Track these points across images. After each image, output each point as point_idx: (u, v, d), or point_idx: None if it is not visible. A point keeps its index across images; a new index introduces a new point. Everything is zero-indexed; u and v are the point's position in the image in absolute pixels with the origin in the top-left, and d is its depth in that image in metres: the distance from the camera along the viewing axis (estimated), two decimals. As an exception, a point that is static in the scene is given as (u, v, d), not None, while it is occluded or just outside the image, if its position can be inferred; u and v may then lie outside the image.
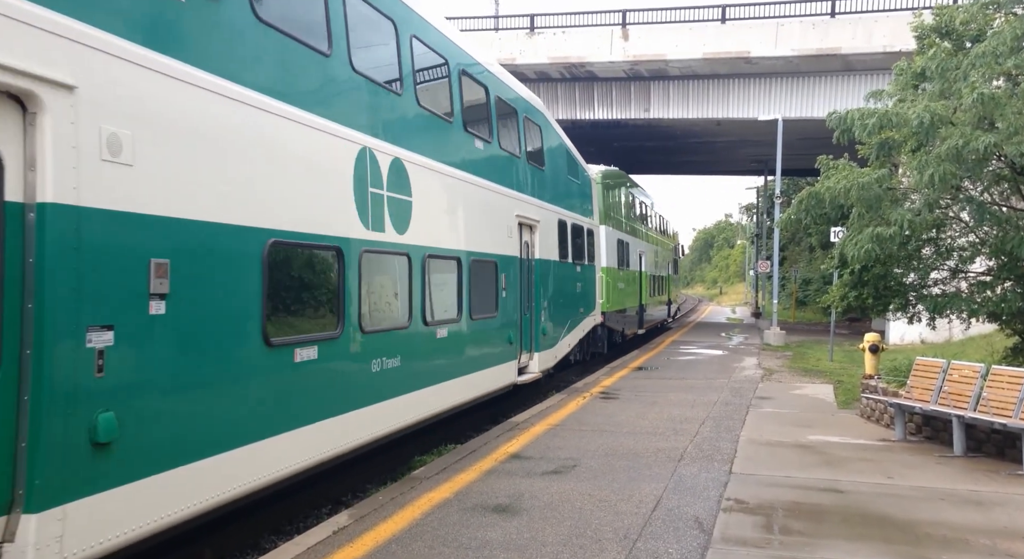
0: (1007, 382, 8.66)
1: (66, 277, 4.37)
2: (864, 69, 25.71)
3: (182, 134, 5.28)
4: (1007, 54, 10.62)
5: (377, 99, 8.07)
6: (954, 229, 12.40)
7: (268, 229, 6.13)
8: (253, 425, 5.96)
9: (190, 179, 5.34)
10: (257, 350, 6.00)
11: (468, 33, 28.47)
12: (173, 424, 5.14)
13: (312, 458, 6.72)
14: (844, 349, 21.38)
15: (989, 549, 5.83)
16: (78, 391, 4.43)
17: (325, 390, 6.96)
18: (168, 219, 5.12)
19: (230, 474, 5.66)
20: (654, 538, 5.98)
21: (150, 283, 4.95)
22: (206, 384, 5.49)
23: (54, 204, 4.30)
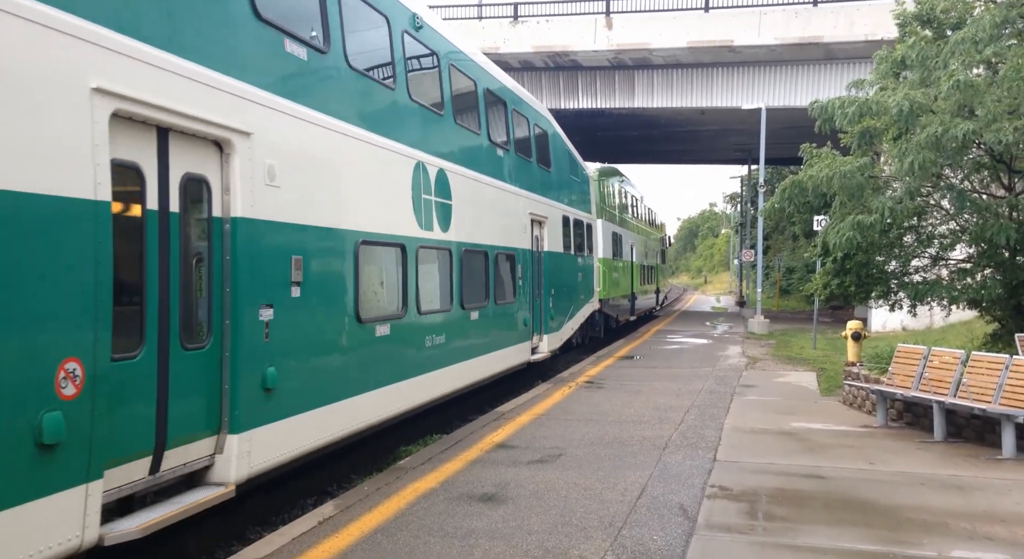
0: (986, 368, 8.77)
1: (248, 269, 6.08)
2: (846, 58, 25.80)
3: (307, 161, 6.98)
4: (986, 42, 10.70)
5: (426, 120, 9.78)
6: (935, 217, 12.51)
7: (358, 231, 7.86)
8: (353, 383, 7.73)
9: (312, 195, 7.05)
10: (354, 325, 7.74)
11: (451, 21, 28.33)
12: (307, 377, 6.96)
13: (389, 412, 8.50)
14: (827, 337, 21.56)
15: (969, 533, 5.91)
16: (255, 351, 6.16)
17: (396, 360, 8.73)
18: (301, 226, 6.85)
19: (341, 418, 7.49)
20: (639, 525, 6.02)
21: (291, 273, 6.65)
22: (325, 349, 7.30)
23: (241, 217, 6.01)
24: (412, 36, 9.47)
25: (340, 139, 7.59)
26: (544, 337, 15.04)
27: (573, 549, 5.53)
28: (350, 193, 7.76)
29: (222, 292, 5.93)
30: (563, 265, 16.73)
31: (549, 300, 15.43)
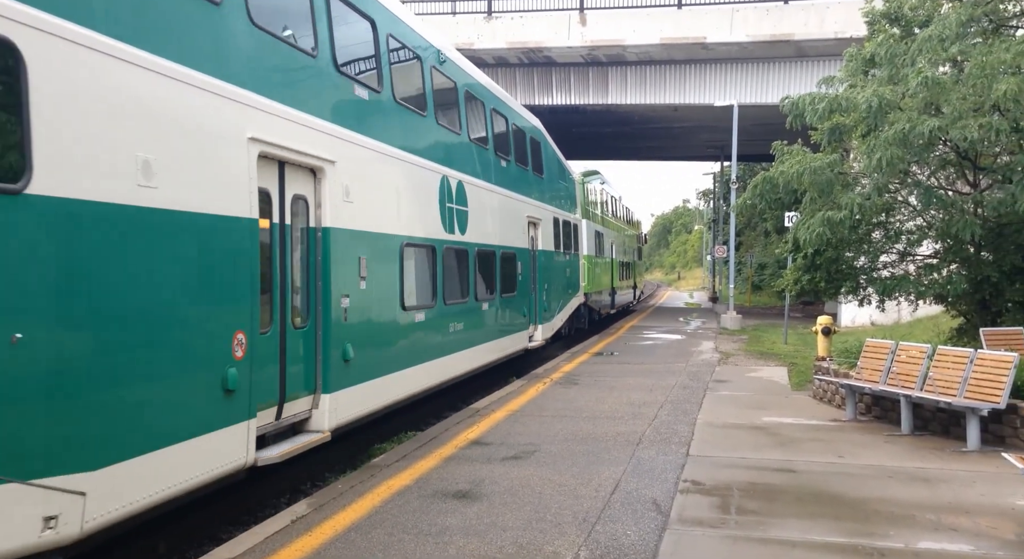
0: (952, 362, 8.93)
1: (332, 267, 7.79)
2: (816, 55, 26.08)
3: (368, 180, 8.73)
4: (952, 39, 10.88)
5: (448, 140, 11.55)
6: (902, 213, 12.69)
7: (403, 236, 9.63)
8: (401, 359, 9.61)
9: (373, 207, 8.81)
10: (400, 312, 9.61)
11: (424, 17, 28.17)
12: (371, 354, 8.67)
13: (424, 385, 10.38)
14: (798, 332, 21.81)
15: (934, 524, 6.02)
16: (338, 331, 7.92)
17: (429, 342, 10.56)
18: (366, 232, 8.58)
19: (393, 387, 9.27)
20: (613, 521, 6.05)
21: (360, 270, 8.40)
22: (382, 331, 9.16)
23: (330, 227, 7.78)
24: (438, 70, 11.34)
25: (389, 160, 9.39)
26: (539, 327, 16.86)
27: (547, 545, 5.55)
28: (397, 204, 9.59)
29: (316, 285, 7.70)
30: (554, 262, 18.53)
31: (543, 294, 17.21)
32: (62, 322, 4.63)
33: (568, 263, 20.31)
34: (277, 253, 7.07)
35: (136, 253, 5.26)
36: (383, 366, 9.06)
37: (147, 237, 5.37)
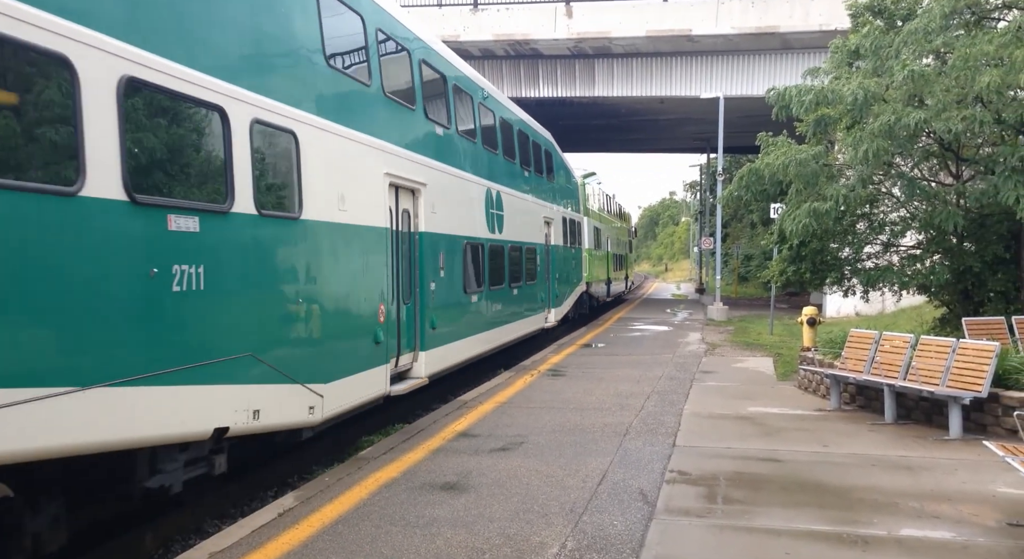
0: (935, 352, 9.01)
1: (426, 261, 10.59)
2: (801, 47, 26.17)
3: (445, 195, 11.54)
4: (936, 32, 10.94)
5: (490, 159, 14.31)
6: (886, 204, 12.79)
7: (464, 236, 12.52)
8: (464, 329, 12.52)
9: (447, 215, 11.63)
10: (462, 294, 12.51)
11: (410, 9, 28.03)
12: (446, 324, 11.49)
13: (476, 352, 13.17)
14: (784, 323, 21.95)
15: (917, 511, 6.09)
16: (428, 307, 10.66)
17: (479, 318, 13.49)
18: (443, 234, 11.41)
19: (459, 350, 12.19)
20: (600, 511, 6.09)
21: (440, 262, 11.23)
22: (452, 308, 11.92)
23: (424, 232, 10.55)
24: (483, 105, 14.12)
25: (456, 180, 12.27)
26: (552, 310, 19.73)
27: (534, 535, 5.58)
28: (460, 212, 12.46)
29: (414, 273, 10.43)
30: (563, 256, 21.41)
31: (555, 283, 20.09)
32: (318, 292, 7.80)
33: (573, 256, 23.32)
34: (394, 252, 9.74)
35: (340, 250, 8.22)
36: (453, 334, 11.98)
37: (343, 240, 8.30)
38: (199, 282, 5.92)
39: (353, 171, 8.56)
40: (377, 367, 9.05)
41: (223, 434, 6.26)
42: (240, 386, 6.43)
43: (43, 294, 4.65)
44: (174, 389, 5.64)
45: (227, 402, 6.28)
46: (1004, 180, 10.14)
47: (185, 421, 5.81)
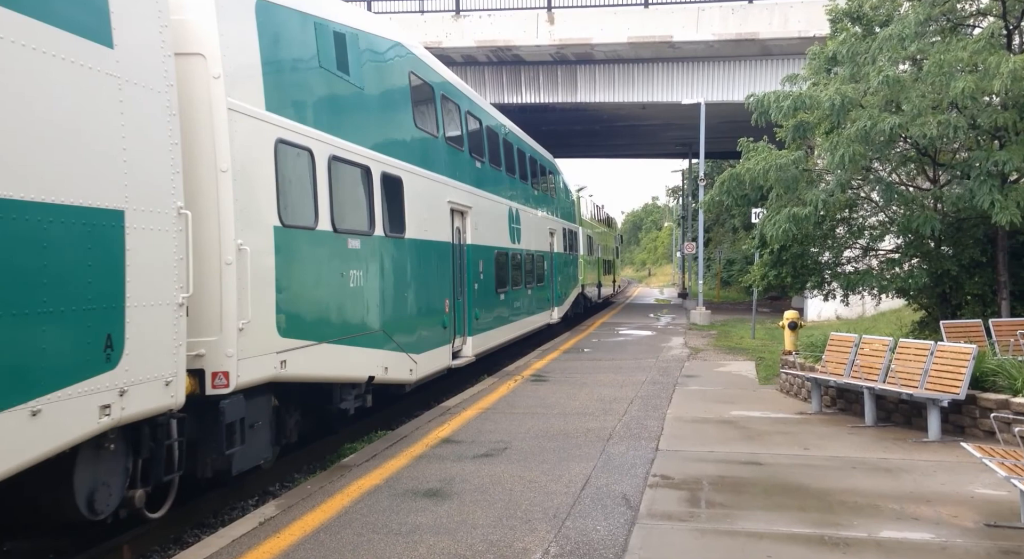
0: (913, 354, 9.10)
1: (471, 266, 13.88)
2: (781, 54, 26.41)
3: (483, 215, 14.66)
4: (911, 38, 11.08)
5: (511, 183, 17.74)
6: (865, 209, 12.92)
7: (495, 246, 15.47)
8: (496, 321, 15.61)
9: (484, 230, 14.70)
10: (495, 293, 15.55)
11: (392, 15, 28.00)
12: (484, 316, 14.63)
13: (506, 338, 16.54)
14: (766, 326, 22.09)
15: (897, 513, 6.14)
16: (472, 303, 13.88)
17: (505, 312, 16.62)
18: (481, 246, 14.42)
19: (493, 338, 15.32)
20: (583, 516, 6.09)
21: (479, 268, 14.34)
22: (488, 304, 14.99)
23: (469, 244, 13.79)
24: (506, 140, 17.46)
25: (490, 202, 15.50)
26: (556, 308, 23.08)
27: (517, 542, 5.57)
28: (492, 227, 15.63)
29: (463, 276, 13.44)
30: (564, 261, 24.75)
31: (558, 285, 23.39)
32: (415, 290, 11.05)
33: (572, 262, 26.77)
34: (453, 260, 12.96)
35: (426, 259, 11.51)
36: (489, 324, 15.27)
37: (427, 252, 11.60)
38: (359, 281, 9.19)
39: (431, 201, 11.90)
40: (444, 345, 12.43)
41: (371, 380, 9.51)
42: (379, 350, 9.71)
43: (318, 288, 8.29)
44: (352, 348, 8.97)
45: (373, 360, 9.53)
46: (979, 185, 10.28)
47: (356, 369, 9.13)
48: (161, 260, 5.92)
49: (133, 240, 5.60)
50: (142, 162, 5.73)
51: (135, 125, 5.67)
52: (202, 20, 6.74)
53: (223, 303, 6.68)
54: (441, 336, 12.14)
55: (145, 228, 5.72)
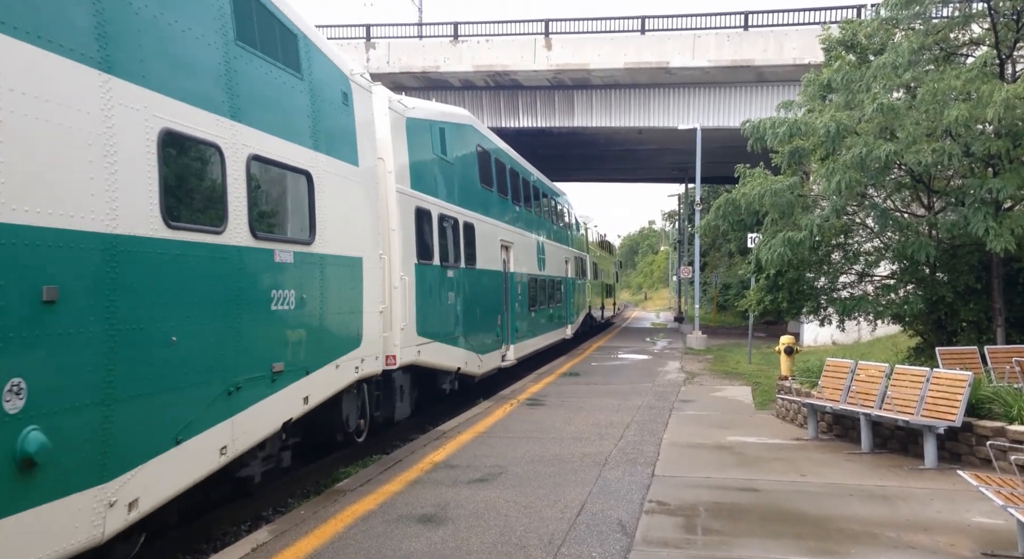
0: (909, 381, 9.09)
1: (513, 289, 17.75)
2: (776, 80, 26.69)
3: (521, 248, 18.75)
4: (905, 67, 11.19)
5: (540, 220, 21.68)
6: (860, 235, 12.97)
7: (528, 273, 19.45)
8: (529, 333, 19.44)
9: (521, 259, 18.62)
10: (528, 310, 19.34)
11: (391, 40, 28.26)
12: (522, 328, 18.57)
13: (536, 348, 20.22)
14: (762, 351, 22.08)
15: (894, 541, 6.11)
16: (516, 317, 17.95)
17: (536, 326, 20.32)
18: (520, 272, 18.55)
19: (528, 346, 19.32)
20: (578, 543, 6.04)
21: (519, 290, 18.33)
22: (524, 318, 18.84)
23: (512, 272, 17.77)
24: (534, 186, 21.33)
25: (525, 237, 19.16)
26: (570, 325, 26.59)
27: (512, 569, 5.51)
28: (526, 258, 19.21)
29: (508, 298, 16.97)
30: (577, 285, 28.58)
31: (571, 305, 26.88)
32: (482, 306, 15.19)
33: (582, 286, 30.52)
34: (504, 285, 16.53)
35: (489, 283, 15.51)
36: (524, 336, 18.80)
37: (489, 278, 15.50)
38: (453, 300, 13.12)
39: (490, 240, 15.79)
40: (498, 350, 16.33)
41: (458, 371, 13.31)
42: (462, 350, 13.58)
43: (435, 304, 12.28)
44: (450, 347, 12.94)
45: (459, 356, 13.43)
46: (974, 212, 10.34)
47: (451, 361, 12.96)
48: (374, 286, 9.74)
49: (365, 274, 9.42)
50: (369, 228, 9.67)
51: (367, 208, 9.60)
52: (383, 136, 10.60)
53: (393, 312, 10.53)
54: (496, 342, 16.21)
55: (369, 267, 9.52)
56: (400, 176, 11.04)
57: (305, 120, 8.04)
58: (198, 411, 6.03)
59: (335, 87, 8.86)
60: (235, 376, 6.54)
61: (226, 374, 6.43)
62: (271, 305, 7.17)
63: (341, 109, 9.01)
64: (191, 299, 5.97)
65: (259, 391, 6.95)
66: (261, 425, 7.05)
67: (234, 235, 6.57)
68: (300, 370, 7.70)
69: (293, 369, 7.53)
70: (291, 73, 7.78)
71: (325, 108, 8.51)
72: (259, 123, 7.06)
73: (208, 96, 6.34)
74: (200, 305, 6.08)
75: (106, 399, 5.00)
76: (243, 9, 6.97)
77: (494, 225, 16.14)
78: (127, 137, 5.32)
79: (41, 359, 4.53)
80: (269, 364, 7.12)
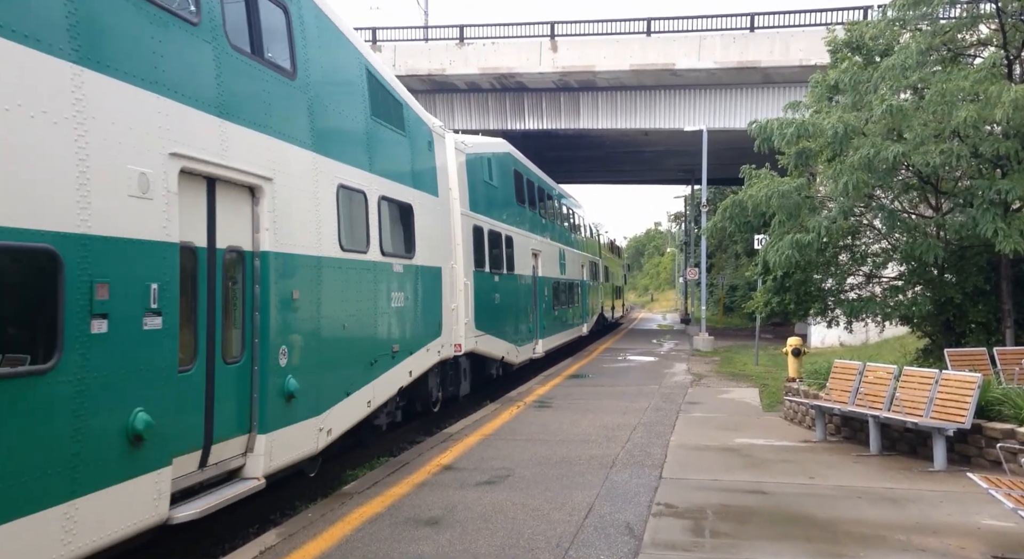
0: (918, 382, 9.05)
1: (540, 291, 20.53)
2: (782, 81, 26.63)
3: (547, 255, 21.45)
4: (913, 68, 11.16)
5: (562, 230, 24.68)
6: (868, 236, 12.92)
7: (552, 277, 22.04)
8: (553, 330, 21.95)
9: (547, 266, 21.42)
10: (552, 309, 22.16)
11: (396, 43, 28.32)
12: (549, 326, 21.38)
13: (559, 343, 22.74)
14: (769, 353, 22.01)
15: (904, 544, 6.08)
16: (543, 315, 20.76)
17: (558, 323, 23.01)
18: (546, 276, 21.13)
19: (554, 341, 22.10)
20: (586, 545, 6.03)
21: (545, 292, 21.12)
22: (549, 316, 21.55)
23: (540, 276, 20.50)
24: (559, 201, 24.50)
25: (550, 245, 21.79)
26: (585, 324, 28.89)
27: (520, 571, 5.50)
28: (551, 263, 21.69)
29: (536, 299, 19.83)
30: (591, 287, 31.06)
31: (586, 305, 29.29)
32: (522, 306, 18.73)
33: (595, 287, 32.68)
34: (533, 286, 19.05)
35: (524, 286, 18.60)
36: (550, 332, 21.18)
37: (524, 283, 18.64)
38: (498, 300, 15.70)
39: (524, 250, 18.71)
40: (531, 343, 19.03)
41: (502, 359, 16.12)
42: (505, 342, 16.15)
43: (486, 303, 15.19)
44: (497, 339, 15.57)
45: (503, 347, 16.05)
46: (982, 213, 10.30)
47: (497, 351, 15.64)
48: (448, 289, 12.51)
49: (443, 280, 12.28)
50: (445, 244, 12.63)
51: (444, 228, 12.49)
52: (452, 171, 13.41)
53: (459, 310, 13.18)
54: (529, 337, 18.82)
55: (445, 274, 12.33)
56: (463, 201, 13.91)
57: (407, 165, 10.91)
58: (356, 375, 8.94)
59: (423, 138, 11.69)
60: (374, 352, 9.46)
61: (370, 350, 9.33)
62: (391, 303, 9.98)
63: (427, 154, 11.80)
64: (353, 298, 8.75)
65: (386, 364, 9.84)
66: (387, 388, 9.93)
67: (373, 254, 9.39)
68: (407, 351, 10.59)
69: (403, 350, 10.44)
70: (399, 132, 10.60)
71: (418, 155, 11.36)
72: (384, 171, 9.82)
73: (359, 157, 9.13)
74: (357, 303, 8.85)
75: (320, 362, 7.91)
76: (375, 92, 9.83)
77: (527, 236, 19.00)
78: (324, 194, 8.12)
79: (291, 334, 7.36)
80: (391, 345, 10.00)
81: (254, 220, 6.92)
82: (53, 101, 4.65)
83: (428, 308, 11.46)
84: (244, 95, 6.76)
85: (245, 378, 6.79)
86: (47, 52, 4.62)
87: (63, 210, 4.67)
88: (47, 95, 4.60)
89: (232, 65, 6.56)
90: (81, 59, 4.85)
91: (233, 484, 6.61)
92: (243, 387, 6.77)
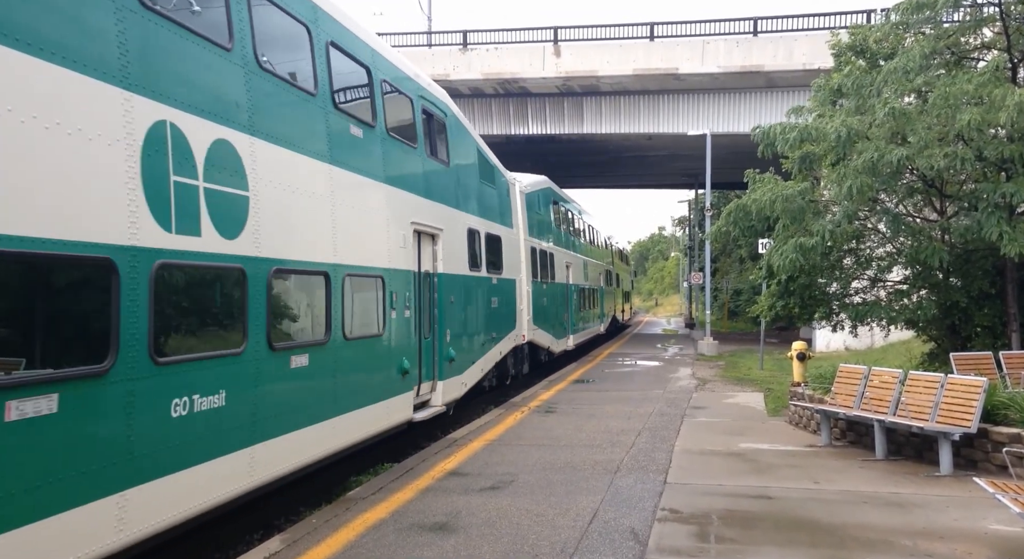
0: (924, 387, 9.02)
1: (572, 296, 24.80)
2: (786, 86, 26.62)
3: (575, 266, 25.67)
4: (916, 71, 11.15)
5: (583, 245, 28.30)
6: (872, 240, 12.89)
7: (579, 284, 26.40)
8: (579, 327, 25.99)
9: (575, 276, 25.60)
10: (579, 310, 26.22)
11: (400, 49, 28.37)
12: (576, 323, 25.44)
13: (583, 339, 27.06)
14: (774, 357, 21.96)
15: (910, 550, 6.05)
16: (573, 315, 24.84)
17: (583, 322, 26.96)
18: (574, 284, 25.25)
19: (581, 337, 26.33)
20: (591, 551, 6.02)
21: (576, 296, 25.65)
22: (577, 317, 25.67)
23: (570, 283, 24.71)
24: (581, 218, 28.48)
25: (577, 258, 26.03)
26: (602, 324, 32.99)
27: (524, 577, 5.49)
28: (578, 272, 26.02)
29: (567, 302, 23.80)
30: (606, 292, 34.81)
31: (603, 308, 33.12)
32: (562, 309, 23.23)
33: (610, 292, 36.88)
34: (566, 291, 23.41)
35: (560, 292, 22.74)
36: (578, 330, 25.07)
37: (561, 289, 22.77)
38: (545, 302, 20.12)
39: (560, 263, 22.33)
40: (564, 338, 22.59)
41: (548, 349, 20.70)
42: (549, 334, 20.43)
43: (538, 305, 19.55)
44: (544, 332, 19.95)
45: (548, 339, 20.42)
46: (987, 216, 10.27)
47: (545, 342, 20.13)
48: (522, 294, 17.15)
49: (517, 288, 16.89)
50: (518, 262, 17.07)
51: (514, 251, 16.81)
52: (517, 208, 17.47)
53: (524, 310, 17.23)
54: (563, 332, 22.75)
55: (517, 284, 16.76)
56: (524, 229, 18.00)
57: (497, 209, 15.42)
58: (477, 351, 13.79)
59: (504, 187, 16.46)
60: (486, 336, 14.26)
61: (484, 335, 14.17)
62: (491, 305, 14.64)
63: (506, 198, 16.49)
64: (477, 298, 13.68)
65: (490, 345, 14.60)
66: (490, 361, 14.68)
67: (483, 271, 14.12)
68: (499, 337, 15.26)
69: (498, 337, 15.15)
70: (491, 186, 15.16)
71: (502, 200, 16.06)
72: (485, 215, 14.46)
73: (475, 208, 13.81)
74: (479, 301, 13.77)
75: (463, 341, 12.75)
76: (482, 163, 14.59)
77: (562, 252, 23.02)
78: (461, 235, 12.87)
79: (451, 323, 12.02)
80: (492, 332, 14.63)
81: (434, 254, 11.55)
82: (379, 203, 9.59)
83: (509, 308, 16.19)
84: (433, 183, 11.58)
85: (431, 348, 11.26)
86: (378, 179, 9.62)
87: (386, 257, 9.63)
88: (384, 200, 9.74)
89: (426, 166, 11.34)
90: (389, 179, 9.85)
91: (428, 408, 11.29)
92: (430, 353, 11.25)
